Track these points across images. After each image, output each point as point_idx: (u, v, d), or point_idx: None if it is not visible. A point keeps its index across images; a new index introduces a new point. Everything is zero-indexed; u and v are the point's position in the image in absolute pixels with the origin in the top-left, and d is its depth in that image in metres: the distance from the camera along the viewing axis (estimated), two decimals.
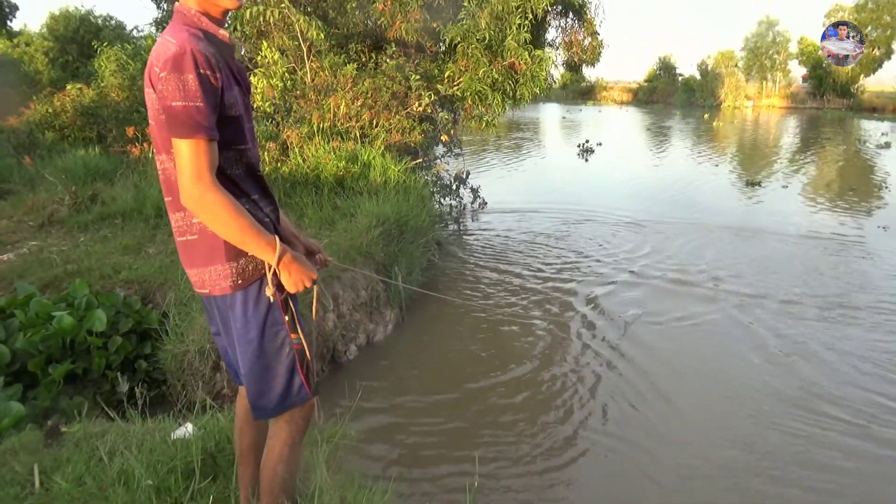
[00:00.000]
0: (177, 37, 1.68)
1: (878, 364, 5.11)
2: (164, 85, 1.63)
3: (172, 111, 1.63)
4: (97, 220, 6.16)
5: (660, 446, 3.96)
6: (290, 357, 1.90)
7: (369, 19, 9.71)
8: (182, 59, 1.63)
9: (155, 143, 1.81)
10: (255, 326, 1.85)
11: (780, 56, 48.64)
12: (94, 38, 13.16)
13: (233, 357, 1.96)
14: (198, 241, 1.83)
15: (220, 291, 1.84)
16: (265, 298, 1.85)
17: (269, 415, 1.97)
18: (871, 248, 8.62)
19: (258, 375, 1.88)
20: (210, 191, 1.66)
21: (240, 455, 2.17)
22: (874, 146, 21.83)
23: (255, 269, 1.84)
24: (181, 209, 1.81)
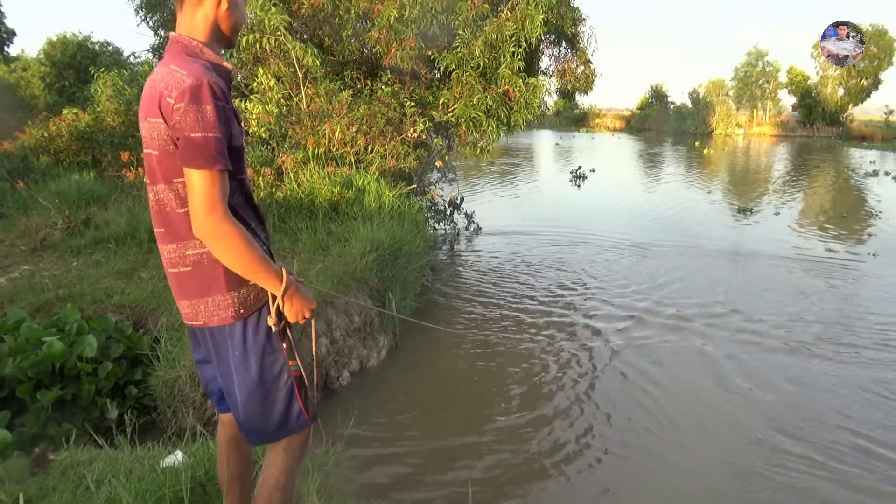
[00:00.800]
0: (187, 68, 1.69)
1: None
2: (183, 116, 1.64)
3: (192, 142, 1.64)
4: (90, 245, 6.12)
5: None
6: (289, 384, 1.90)
7: (365, 47, 9.81)
8: (200, 91, 1.65)
9: (152, 172, 1.79)
10: (254, 354, 1.85)
11: (769, 85, 49.42)
12: (90, 63, 13.28)
13: (224, 385, 1.92)
14: (192, 272, 1.82)
15: (220, 322, 1.83)
16: (264, 326, 1.85)
17: (265, 441, 1.97)
18: (862, 274, 8.66)
19: (257, 403, 1.87)
20: (224, 222, 1.68)
21: (228, 481, 2.14)
22: (862, 174, 22.11)
23: (257, 298, 1.85)
24: (174, 241, 1.80)
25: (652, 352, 5.82)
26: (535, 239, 10.63)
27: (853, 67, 44.43)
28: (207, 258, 1.79)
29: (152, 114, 1.71)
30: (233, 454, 2.12)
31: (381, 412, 4.61)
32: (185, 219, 1.76)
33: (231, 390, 1.89)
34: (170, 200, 1.77)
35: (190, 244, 1.79)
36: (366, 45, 9.71)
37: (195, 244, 1.79)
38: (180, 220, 1.77)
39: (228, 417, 2.07)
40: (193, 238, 1.77)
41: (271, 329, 1.86)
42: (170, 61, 1.75)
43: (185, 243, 1.79)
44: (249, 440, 1.97)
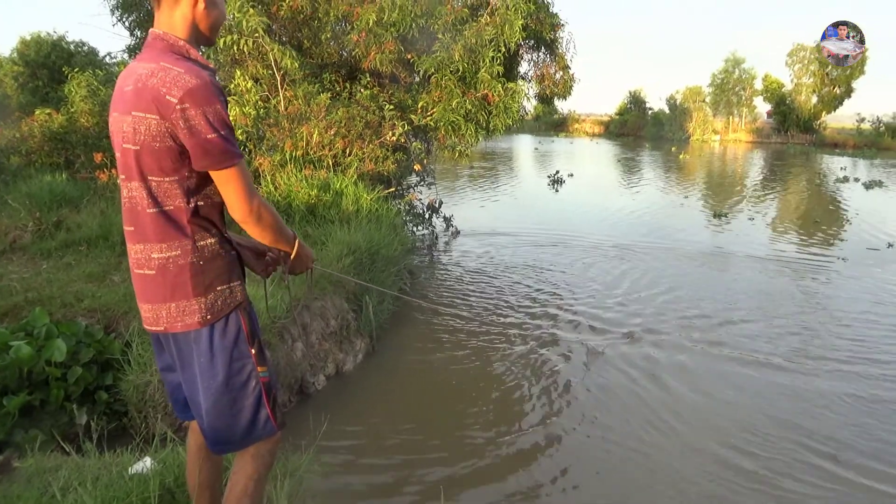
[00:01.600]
0: (183, 66, 1.69)
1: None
2: (196, 120, 1.65)
3: (211, 144, 1.68)
4: (61, 247, 6.02)
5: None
6: (257, 390, 1.87)
7: (344, 50, 9.78)
8: (207, 90, 1.67)
9: (127, 168, 1.75)
10: (221, 360, 1.82)
11: (745, 92, 50.12)
12: (65, 63, 13.05)
13: (189, 393, 1.89)
14: (155, 276, 1.78)
15: (184, 328, 1.79)
16: (232, 332, 1.83)
17: (231, 449, 1.93)
18: (833, 277, 8.80)
19: (223, 410, 1.84)
20: (263, 205, 1.81)
21: (193, 491, 2.10)
22: (833, 180, 22.54)
23: (224, 303, 1.82)
24: (141, 241, 1.78)
25: (626, 356, 5.86)
26: (513, 242, 10.66)
27: (826, 76, 45.27)
28: (173, 263, 1.76)
29: (142, 108, 1.68)
30: (204, 461, 2.09)
31: (355, 417, 4.59)
32: (154, 219, 1.74)
33: (196, 398, 1.86)
34: (142, 199, 1.74)
35: (156, 247, 1.76)
36: (345, 48, 9.68)
37: (161, 248, 1.76)
38: (149, 220, 1.75)
39: (197, 425, 2.03)
40: (160, 241, 1.75)
41: (239, 334, 1.84)
42: (157, 58, 1.72)
43: (152, 245, 1.77)
44: (215, 449, 1.94)
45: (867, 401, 5.03)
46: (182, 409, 2.01)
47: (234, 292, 1.86)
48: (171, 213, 1.75)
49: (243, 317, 1.87)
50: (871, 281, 8.70)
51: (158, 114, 1.66)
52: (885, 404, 4.98)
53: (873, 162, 31.87)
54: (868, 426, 4.63)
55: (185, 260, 1.77)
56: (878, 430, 4.57)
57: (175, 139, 1.68)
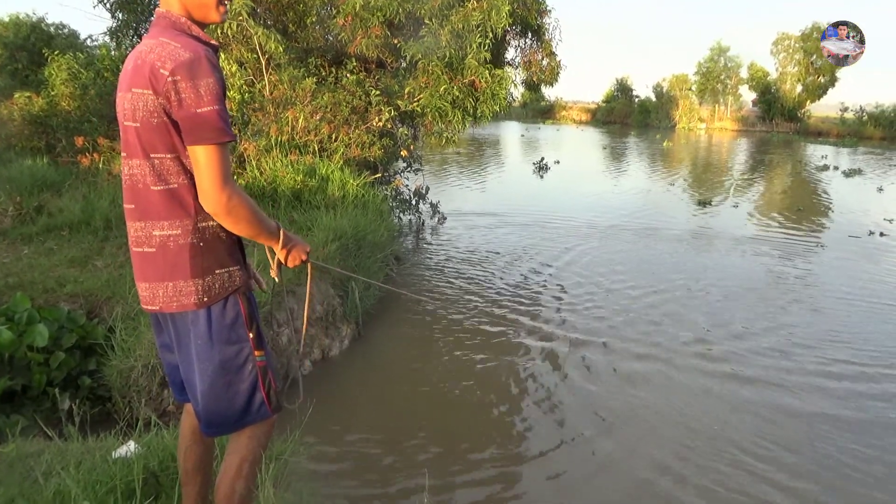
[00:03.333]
0: (181, 41, 1.67)
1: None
2: (186, 92, 1.62)
3: (199, 118, 1.63)
4: (42, 232, 5.95)
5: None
6: (253, 374, 1.87)
7: (329, 34, 9.69)
8: (200, 64, 1.64)
9: (129, 145, 1.74)
10: (218, 343, 1.81)
11: (731, 81, 50.27)
12: (45, 45, 12.81)
13: (185, 374, 1.88)
14: (156, 254, 1.77)
15: (179, 308, 1.78)
16: (231, 315, 1.83)
17: (225, 432, 1.94)
18: (813, 266, 8.92)
19: (219, 392, 1.84)
20: (235, 193, 1.70)
21: (184, 475, 2.09)
22: (813, 168, 22.78)
23: (222, 287, 1.81)
24: (142, 218, 1.76)
25: (611, 348, 5.91)
26: (499, 228, 10.67)
27: (811, 65, 45.51)
28: (174, 241, 1.75)
29: (139, 84, 1.66)
30: (196, 443, 2.08)
31: (341, 401, 4.60)
32: (158, 197, 1.73)
33: (192, 379, 1.86)
34: (144, 176, 1.72)
35: (158, 224, 1.75)
36: (330, 33, 9.60)
37: (164, 225, 1.74)
38: (153, 197, 1.73)
39: (192, 407, 2.02)
40: (164, 218, 1.74)
41: (238, 318, 1.83)
42: (158, 34, 1.71)
43: (154, 223, 1.75)
44: (208, 432, 1.93)
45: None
46: (179, 390, 2.00)
47: (233, 277, 1.84)
48: (175, 190, 1.73)
49: (242, 301, 1.86)
50: (854, 267, 8.82)
51: (153, 88, 1.64)
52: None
53: (856, 150, 32.23)
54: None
55: (186, 240, 1.75)
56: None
57: (169, 115, 1.66)
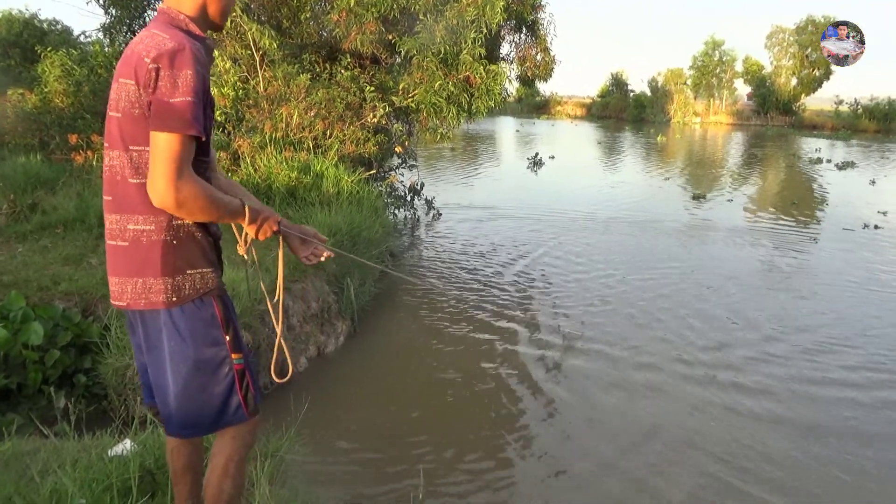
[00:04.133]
0: (170, 33, 1.66)
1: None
2: (163, 81, 1.60)
3: (169, 106, 1.59)
4: (37, 230, 5.93)
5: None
6: (230, 377, 1.84)
7: (324, 30, 9.65)
8: (181, 55, 1.62)
9: (111, 136, 1.72)
10: (192, 344, 1.78)
11: (726, 75, 50.30)
12: (38, 42, 12.75)
13: (154, 375, 1.84)
14: (128, 248, 1.74)
15: (147, 306, 1.75)
16: (206, 316, 1.81)
17: (199, 433, 1.93)
18: (805, 262, 8.96)
19: (193, 394, 1.81)
20: (188, 185, 1.61)
21: (174, 475, 2.08)
22: (807, 161, 22.86)
23: (192, 288, 1.78)
24: (118, 211, 1.74)
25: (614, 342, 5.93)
26: (493, 224, 10.70)
27: (806, 58, 45.58)
28: (147, 237, 1.73)
29: (125, 74, 1.66)
30: (183, 444, 2.04)
31: (337, 398, 4.61)
32: (135, 190, 1.70)
33: (161, 381, 1.82)
34: (122, 168, 1.70)
35: (133, 218, 1.72)
36: (325, 28, 9.56)
37: (138, 219, 1.72)
38: (130, 190, 1.71)
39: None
40: (139, 213, 1.71)
41: (213, 319, 1.81)
42: (151, 27, 1.71)
43: (129, 216, 1.72)
44: (182, 433, 1.90)
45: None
46: (147, 391, 1.97)
47: (206, 278, 1.81)
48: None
49: (217, 303, 1.83)
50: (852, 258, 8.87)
51: (135, 78, 1.64)
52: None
53: (850, 143, 32.32)
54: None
55: (159, 236, 1.72)
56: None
57: (149, 106, 1.64)
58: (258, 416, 1.97)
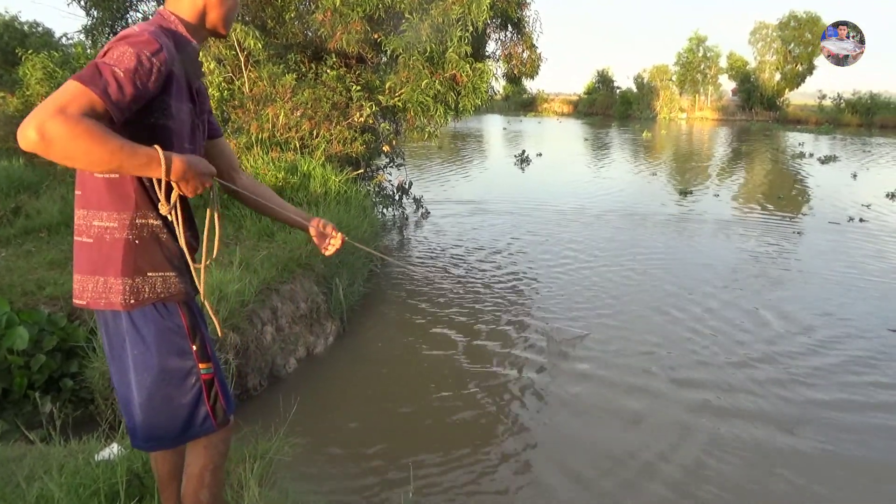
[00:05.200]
0: (142, 26, 1.61)
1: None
2: (102, 53, 1.52)
3: (91, 65, 1.48)
4: (20, 234, 5.87)
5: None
6: (197, 387, 1.78)
7: (309, 30, 9.61)
8: (131, 37, 1.54)
9: None
10: (156, 353, 1.72)
11: (710, 71, 50.67)
12: (19, 45, 12.62)
13: (118, 384, 1.79)
14: (91, 245, 1.69)
15: (107, 306, 1.69)
16: (172, 325, 1.74)
17: (165, 446, 1.88)
18: (792, 260, 9.04)
19: (157, 406, 1.75)
20: (65, 123, 1.36)
21: (161, 482, 2.04)
22: (791, 156, 23.07)
23: (153, 291, 1.71)
24: (85, 206, 1.68)
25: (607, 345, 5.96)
26: (482, 221, 10.71)
27: (789, 53, 45.98)
28: (110, 234, 1.67)
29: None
30: (166, 451, 2.01)
31: (326, 399, 4.60)
32: (102, 185, 1.65)
33: (125, 391, 1.77)
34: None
35: (98, 214, 1.67)
36: (310, 28, 9.52)
37: (103, 216, 1.67)
38: (97, 185, 1.66)
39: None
40: (104, 209, 1.66)
41: (179, 328, 1.75)
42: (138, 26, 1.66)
43: (95, 212, 1.67)
44: (146, 446, 1.85)
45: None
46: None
47: (169, 283, 1.74)
48: (117, 180, 1.65)
49: (183, 311, 1.77)
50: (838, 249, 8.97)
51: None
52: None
53: (834, 137, 32.64)
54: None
55: (121, 234, 1.67)
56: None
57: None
58: (230, 425, 1.92)
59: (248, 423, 3.28)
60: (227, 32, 1.86)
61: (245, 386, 4.37)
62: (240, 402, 4.11)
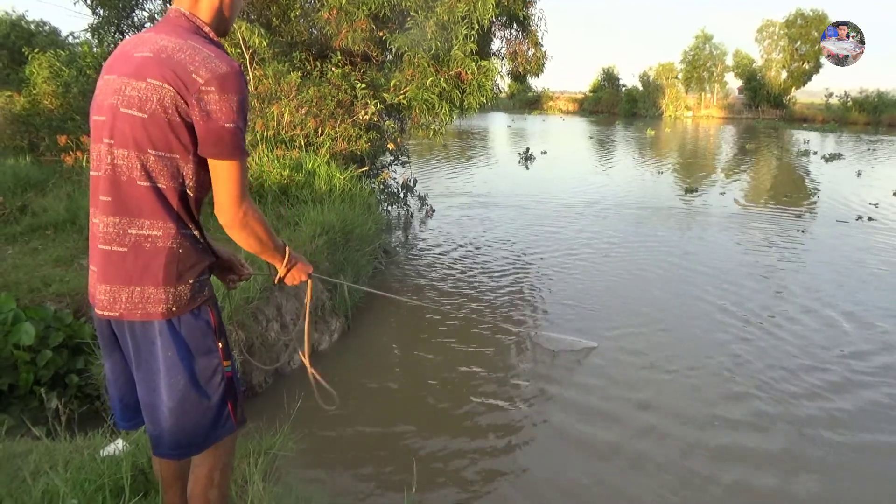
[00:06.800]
0: (215, 52, 1.65)
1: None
2: (218, 105, 1.60)
3: (226, 132, 1.62)
4: (27, 232, 5.90)
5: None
6: (223, 386, 1.79)
7: (314, 28, 9.63)
8: (237, 80, 1.64)
9: (122, 134, 1.62)
10: (190, 355, 1.73)
11: (716, 69, 50.42)
12: (25, 44, 12.66)
13: (144, 393, 1.76)
14: (126, 254, 1.65)
15: (143, 317, 1.67)
16: (202, 325, 1.75)
17: (193, 452, 1.83)
18: (797, 254, 9.00)
19: (189, 408, 1.74)
20: (251, 209, 1.72)
21: (164, 484, 2.02)
22: (796, 154, 22.98)
23: (192, 297, 1.72)
24: (119, 214, 1.64)
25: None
26: (486, 218, 10.71)
27: (795, 51, 45.76)
28: (151, 243, 1.65)
29: (159, 77, 1.59)
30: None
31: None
32: (144, 193, 1.63)
33: (153, 399, 1.74)
34: (131, 169, 1.62)
35: (137, 222, 1.64)
36: (315, 26, 9.54)
37: (143, 224, 1.64)
38: (138, 192, 1.63)
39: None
40: (144, 217, 1.64)
41: (209, 328, 1.76)
42: (185, 36, 1.66)
43: (132, 220, 1.64)
44: (173, 454, 1.81)
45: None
46: (123, 415, 1.90)
47: (204, 286, 1.77)
48: (162, 191, 1.65)
49: (212, 311, 1.79)
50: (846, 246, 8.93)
51: (177, 87, 1.58)
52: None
53: (840, 136, 32.49)
54: None
55: (165, 243, 1.66)
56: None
57: (186, 117, 1.60)
58: (244, 425, 1.92)
59: (253, 420, 3.27)
60: (230, 30, 1.88)
61: (250, 382, 4.39)
62: (245, 398, 4.11)
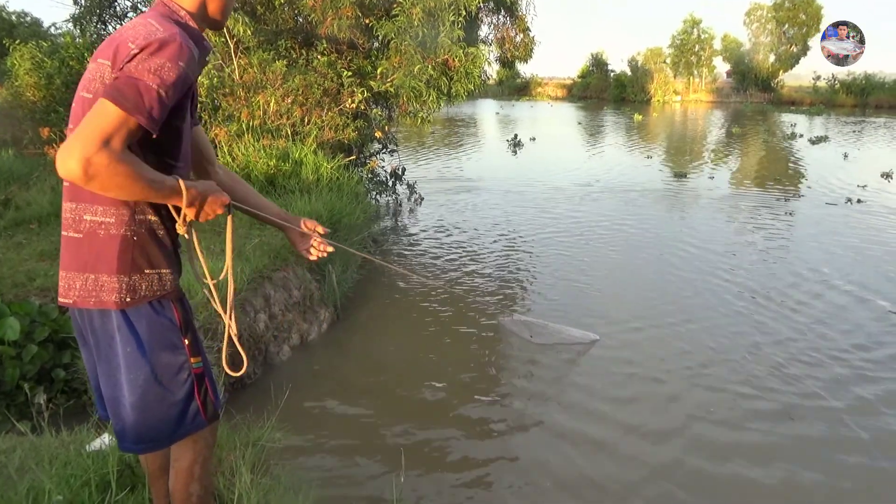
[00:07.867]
0: (165, 25, 1.56)
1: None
2: (137, 63, 1.47)
3: (132, 83, 1.45)
4: (10, 226, 5.84)
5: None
6: (189, 382, 1.74)
7: (299, 15, 9.52)
8: (169, 46, 1.51)
9: (76, 117, 1.59)
10: (149, 350, 1.67)
11: (705, 53, 50.45)
12: (6, 35, 12.48)
13: (106, 386, 1.71)
14: (81, 241, 1.62)
15: (97, 305, 1.63)
16: (164, 320, 1.70)
17: (156, 448, 1.81)
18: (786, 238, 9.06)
19: (151, 404, 1.69)
20: (107, 158, 1.41)
21: (150, 476, 2.01)
22: (783, 136, 23.09)
23: (149, 289, 1.67)
24: (74, 199, 1.61)
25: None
26: (475, 205, 10.72)
27: (783, 34, 45.83)
28: (105, 230, 1.61)
29: (104, 55, 1.56)
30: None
31: (319, 386, 4.59)
32: None
33: (115, 392, 1.70)
34: None
35: (91, 208, 1.60)
36: (300, 14, 9.43)
37: (97, 210, 1.60)
38: None
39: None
40: (98, 203, 1.60)
41: (172, 323, 1.71)
42: (147, 15, 1.61)
43: (86, 206, 1.61)
44: (137, 448, 1.79)
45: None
46: (102, 403, 1.83)
47: (164, 280, 1.71)
48: None
49: (176, 306, 1.74)
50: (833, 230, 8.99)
51: (112, 60, 1.53)
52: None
53: (827, 118, 32.64)
54: None
55: (118, 230, 1.62)
56: None
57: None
58: (218, 421, 1.89)
59: (241, 411, 3.28)
60: (224, 23, 1.80)
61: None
62: (233, 390, 4.11)
